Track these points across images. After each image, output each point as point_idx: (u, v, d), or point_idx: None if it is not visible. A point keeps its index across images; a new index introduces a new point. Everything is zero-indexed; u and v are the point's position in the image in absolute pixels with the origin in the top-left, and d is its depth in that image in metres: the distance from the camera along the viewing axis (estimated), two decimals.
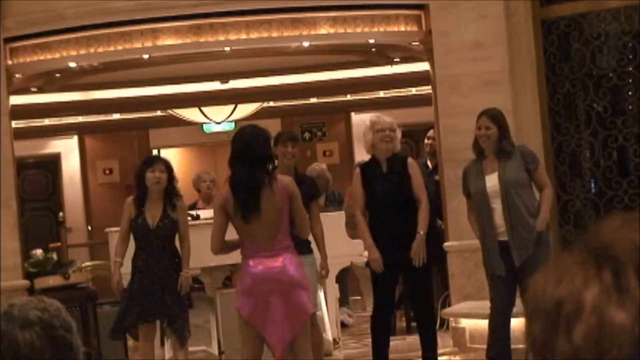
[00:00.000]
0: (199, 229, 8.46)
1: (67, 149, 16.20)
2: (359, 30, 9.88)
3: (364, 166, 8.21)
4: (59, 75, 11.59)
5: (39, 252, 10.01)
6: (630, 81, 9.45)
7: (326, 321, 9.76)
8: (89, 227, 15.95)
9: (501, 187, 7.47)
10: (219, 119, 15.52)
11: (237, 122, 15.68)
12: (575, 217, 9.56)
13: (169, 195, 8.01)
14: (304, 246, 7.57)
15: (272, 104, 15.82)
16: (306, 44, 10.32)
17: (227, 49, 10.14)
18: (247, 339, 6.91)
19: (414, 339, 8.56)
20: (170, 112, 15.57)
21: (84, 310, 9.71)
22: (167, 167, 8.06)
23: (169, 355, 9.28)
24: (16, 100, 10.78)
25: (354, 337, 11.13)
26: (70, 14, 9.73)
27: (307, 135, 16.40)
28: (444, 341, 9.48)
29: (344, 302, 11.55)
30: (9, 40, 9.92)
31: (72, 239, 14.79)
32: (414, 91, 14.89)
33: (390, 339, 8.27)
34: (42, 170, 16.18)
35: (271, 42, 10.03)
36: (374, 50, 11.87)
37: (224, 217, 6.86)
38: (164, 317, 7.99)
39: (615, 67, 9.49)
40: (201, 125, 16.06)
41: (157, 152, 16.04)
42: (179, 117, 15.53)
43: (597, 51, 9.53)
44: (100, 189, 16.22)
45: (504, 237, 7.48)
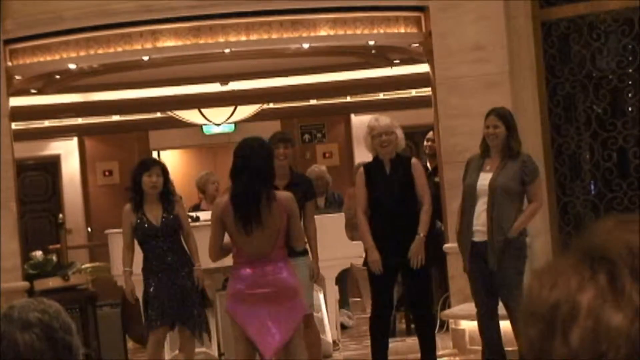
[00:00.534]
0: (199, 231, 8.46)
1: (67, 151, 16.18)
2: (358, 32, 9.88)
3: (367, 166, 8.19)
4: (58, 76, 11.58)
5: (39, 253, 10.01)
6: (630, 83, 9.45)
7: (326, 323, 9.76)
8: (89, 229, 15.94)
9: (490, 187, 7.47)
10: (219, 121, 15.51)
11: (236, 123, 15.69)
12: (575, 219, 9.56)
13: (166, 197, 8.02)
14: None
15: (272, 106, 15.81)
16: (306, 46, 10.32)
17: (227, 50, 10.14)
18: (239, 340, 6.95)
19: (414, 341, 8.55)
20: (170, 113, 15.55)
21: (84, 311, 9.72)
22: (163, 171, 8.07)
23: (169, 356, 9.27)
24: (16, 101, 10.78)
25: (354, 338, 11.12)
26: (70, 15, 9.72)
27: (307, 136, 16.39)
28: (443, 343, 9.48)
29: (343, 303, 11.54)
30: (8, 41, 9.91)
31: (72, 241, 14.76)
32: (414, 93, 14.86)
33: (389, 340, 8.27)
34: (41, 171, 16.16)
35: (271, 43, 10.02)
36: (373, 52, 11.85)
37: (221, 227, 6.87)
38: (185, 320, 7.94)
39: (615, 68, 9.49)
40: (201, 127, 16.05)
41: (156, 153, 16.06)
42: (179, 119, 15.51)
43: (597, 53, 9.52)
44: (100, 191, 16.20)
45: (480, 237, 7.50)
